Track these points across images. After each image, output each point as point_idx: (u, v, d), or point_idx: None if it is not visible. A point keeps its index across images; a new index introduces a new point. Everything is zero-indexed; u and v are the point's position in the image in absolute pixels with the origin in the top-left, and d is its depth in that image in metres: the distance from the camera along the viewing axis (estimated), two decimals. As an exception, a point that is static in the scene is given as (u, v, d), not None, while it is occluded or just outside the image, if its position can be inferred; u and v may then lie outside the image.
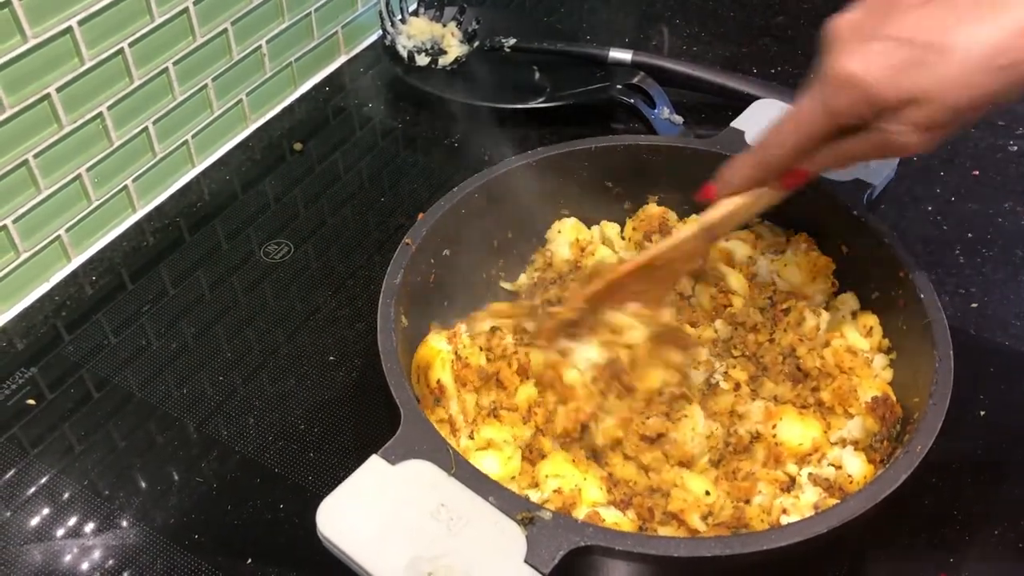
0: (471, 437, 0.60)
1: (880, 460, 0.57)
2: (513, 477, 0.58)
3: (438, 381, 0.61)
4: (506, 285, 0.73)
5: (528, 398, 0.61)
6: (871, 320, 0.65)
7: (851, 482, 0.56)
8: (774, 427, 0.59)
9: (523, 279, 0.73)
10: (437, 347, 0.62)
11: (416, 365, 0.62)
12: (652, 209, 0.73)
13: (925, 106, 0.48)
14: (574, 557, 0.47)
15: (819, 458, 0.59)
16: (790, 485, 0.58)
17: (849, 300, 0.67)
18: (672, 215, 0.74)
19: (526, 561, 0.46)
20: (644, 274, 0.63)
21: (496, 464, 0.58)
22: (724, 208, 0.60)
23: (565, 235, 0.73)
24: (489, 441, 0.59)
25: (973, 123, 0.49)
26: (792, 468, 0.59)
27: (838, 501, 0.54)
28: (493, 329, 0.64)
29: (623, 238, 0.74)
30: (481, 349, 0.63)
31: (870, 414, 0.58)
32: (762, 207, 0.61)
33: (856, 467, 0.56)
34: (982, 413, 0.66)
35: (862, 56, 0.49)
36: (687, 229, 0.62)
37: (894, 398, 0.60)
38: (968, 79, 0.47)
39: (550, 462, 0.58)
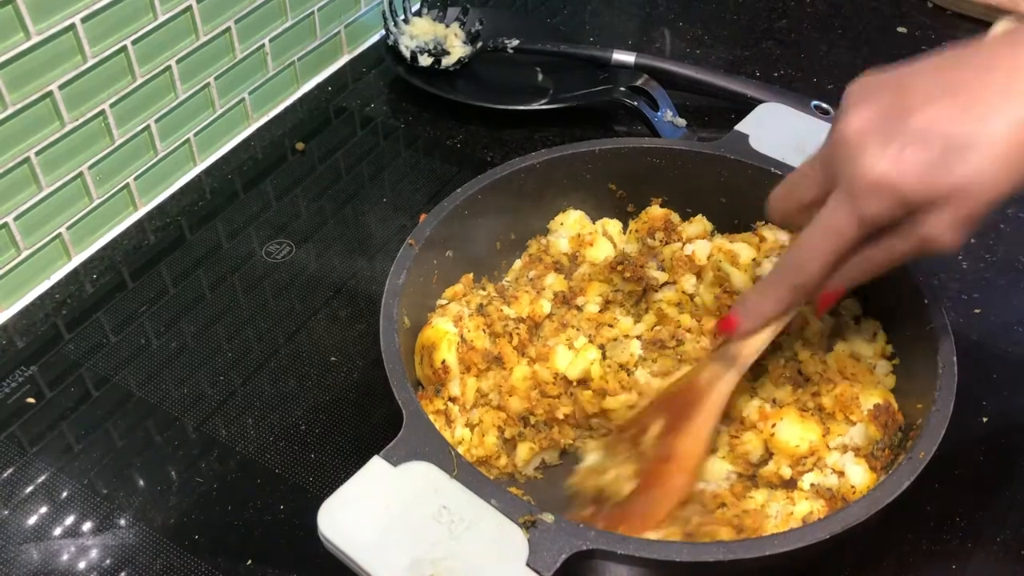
0: (467, 426, 0.60)
1: (882, 467, 0.57)
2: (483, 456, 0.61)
3: (443, 362, 0.61)
4: (506, 279, 0.73)
5: (524, 376, 0.62)
6: (874, 326, 0.65)
7: (853, 492, 0.56)
8: (773, 426, 0.59)
9: (517, 264, 0.73)
10: (444, 328, 0.62)
11: (420, 346, 0.62)
12: (655, 211, 0.73)
13: (961, 202, 0.46)
14: (576, 560, 0.47)
15: (815, 461, 0.58)
16: (785, 486, 0.58)
17: (852, 306, 0.67)
18: (675, 216, 0.73)
19: (528, 564, 0.46)
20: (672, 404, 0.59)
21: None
22: (756, 344, 0.56)
23: (568, 227, 0.72)
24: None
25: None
26: (786, 470, 0.59)
27: (828, 514, 0.54)
28: (481, 307, 0.65)
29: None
30: (484, 331, 0.63)
31: (872, 422, 0.58)
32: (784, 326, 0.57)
33: (858, 476, 0.56)
34: (984, 419, 0.65)
35: (890, 158, 0.46)
36: (727, 379, 0.57)
37: (896, 406, 0.60)
38: (1001, 170, 0.46)
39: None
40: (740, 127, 0.74)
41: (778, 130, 0.73)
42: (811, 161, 0.52)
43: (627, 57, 0.93)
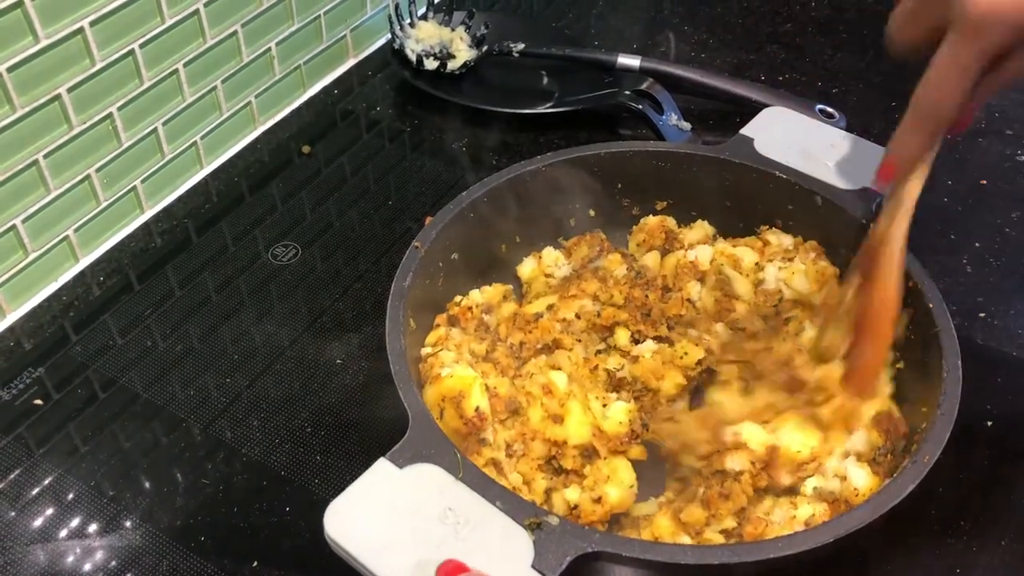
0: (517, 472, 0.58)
1: (885, 473, 0.57)
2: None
3: (477, 409, 0.57)
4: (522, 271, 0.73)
5: (542, 418, 0.59)
6: None
7: (857, 495, 0.55)
8: (774, 431, 0.59)
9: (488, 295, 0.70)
10: (467, 374, 0.59)
11: (441, 397, 0.58)
12: (651, 221, 0.73)
13: None
14: (581, 562, 0.47)
15: (816, 467, 0.58)
16: (787, 492, 0.58)
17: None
18: (671, 221, 0.74)
19: (533, 566, 0.46)
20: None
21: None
22: (918, 181, 0.59)
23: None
24: None
25: None
26: (786, 478, 0.58)
27: (828, 520, 0.53)
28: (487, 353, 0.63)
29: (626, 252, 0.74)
30: (503, 376, 0.62)
31: (875, 427, 0.58)
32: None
33: (862, 480, 0.56)
34: (989, 424, 0.65)
35: None
36: (899, 221, 0.60)
37: (898, 413, 0.60)
38: None
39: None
40: (745, 131, 0.74)
41: (783, 134, 0.73)
42: None
43: (632, 61, 0.93)
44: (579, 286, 0.68)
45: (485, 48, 0.97)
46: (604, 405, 0.61)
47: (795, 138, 0.72)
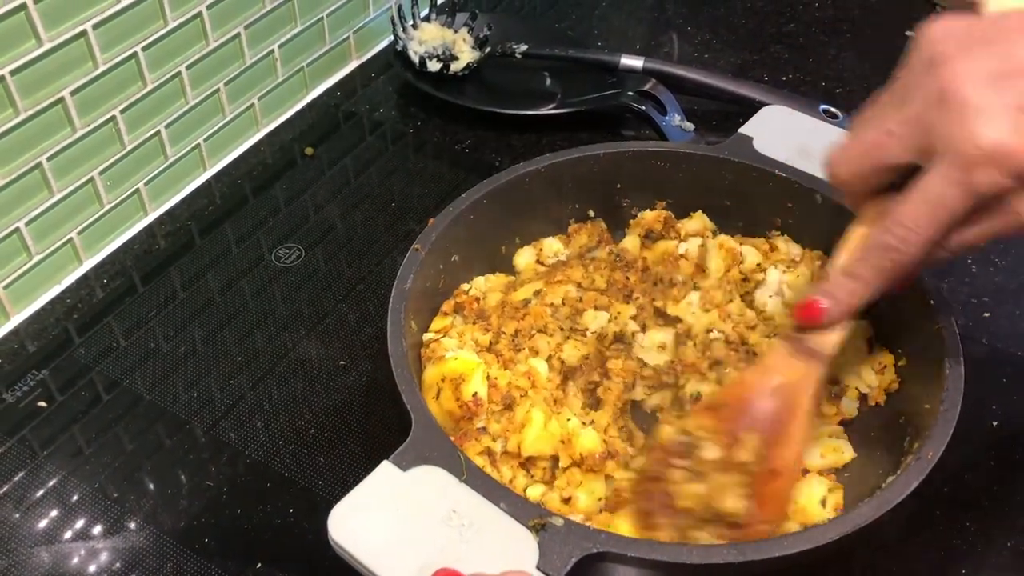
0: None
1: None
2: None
3: (475, 395, 0.58)
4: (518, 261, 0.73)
5: (544, 416, 0.59)
6: (887, 359, 0.64)
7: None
8: None
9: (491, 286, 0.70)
10: (472, 360, 0.60)
11: (441, 378, 0.59)
12: (648, 215, 0.73)
13: None
14: (586, 563, 0.47)
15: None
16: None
17: (862, 327, 0.65)
18: (670, 215, 0.73)
19: (538, 567, 0.46)
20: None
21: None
22: (840, 335, 0.52)
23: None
24: None
25: None
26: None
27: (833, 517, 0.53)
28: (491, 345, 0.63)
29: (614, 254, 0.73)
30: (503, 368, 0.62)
31: None
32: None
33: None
34: (994, 424, 0.65)
35: (1010, 123, 0.43)
36: (812, 377, 0.53)
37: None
38: None
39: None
40: (744, 130, 0.74)
41: (782, 133, 0.73)
42: (895, 118, 0.47)
43: (635, 62, 0.93)
44: (564, 272, 0.68)
45: (488, 49, 0.96)
46: (584, 424, 0.58)
47: (794, 137, 0.72)
